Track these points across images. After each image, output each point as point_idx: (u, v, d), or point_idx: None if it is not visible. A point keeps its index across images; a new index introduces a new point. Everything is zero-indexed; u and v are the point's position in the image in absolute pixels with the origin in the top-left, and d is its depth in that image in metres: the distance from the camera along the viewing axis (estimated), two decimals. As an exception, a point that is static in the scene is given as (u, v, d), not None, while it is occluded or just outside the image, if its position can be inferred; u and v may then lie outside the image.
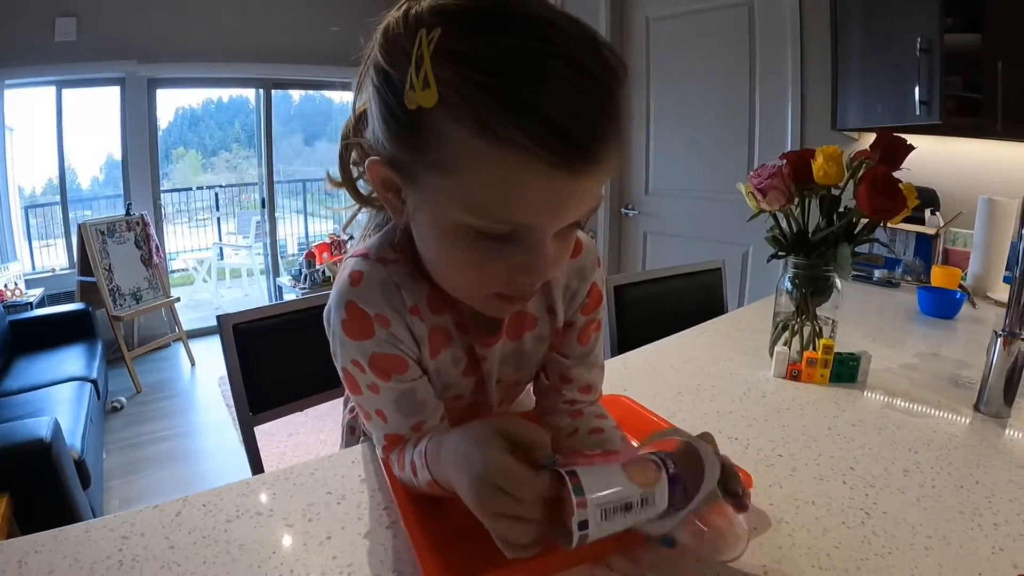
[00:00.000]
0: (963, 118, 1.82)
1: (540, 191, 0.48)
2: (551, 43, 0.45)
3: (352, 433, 0.96)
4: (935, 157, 2.03)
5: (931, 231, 1.94)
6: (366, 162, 0.57)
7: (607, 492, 0.50)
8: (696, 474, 0.54)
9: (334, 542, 0.64)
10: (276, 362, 1.23)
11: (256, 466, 1.16)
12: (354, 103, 0.62)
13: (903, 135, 1.04)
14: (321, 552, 0.63)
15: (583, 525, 0.49)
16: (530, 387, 0.86)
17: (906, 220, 1.86)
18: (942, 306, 1.56)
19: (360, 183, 0.66)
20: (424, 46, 0.46)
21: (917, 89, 1.83)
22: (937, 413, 0.98)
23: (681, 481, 0.53)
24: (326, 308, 0.66)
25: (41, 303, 3.94)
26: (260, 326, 1.21)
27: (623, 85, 0.49)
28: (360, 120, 0.62)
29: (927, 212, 1.97)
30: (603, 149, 0.48)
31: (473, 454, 0.52)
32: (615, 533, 0.51)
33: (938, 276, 1.75)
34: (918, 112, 1.84)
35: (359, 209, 0.69)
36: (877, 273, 1.94)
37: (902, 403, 1.02)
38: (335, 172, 0.65)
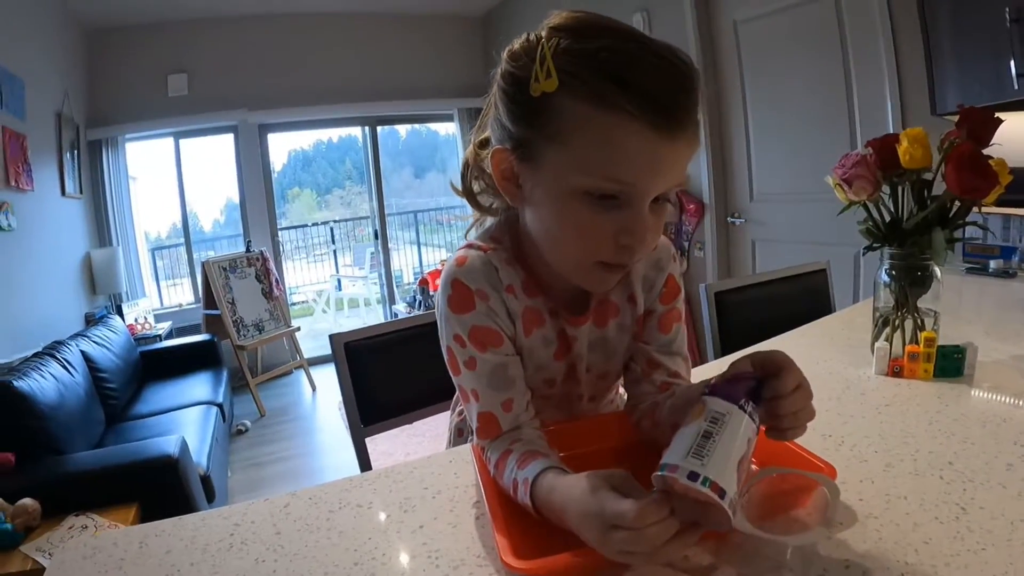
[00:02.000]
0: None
1: (639, 151, 0.59)
2: (642, 43, 0.59)
3: (460, 435, 1.02)
4: (1039, 134, 1.87)
5: (1046, 215, 1.80)
6: (490, 152, 0.69)
7: (679, 444, 0.55)
8: (739, 379, 0.59)
9: (425, 530, 0.69)
10: (385, 377, 1.31)
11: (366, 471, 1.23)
12: (474, 134, 0.78)
13: (999, 112, 0.98)
14: (412, 539, 0.67)
15: (693, 476, 0.52)
16: (622, 391, 0.90)
17: (1016, 204, 1.74)
18: (1064, 295, 1.45)
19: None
20: (546, 48, 0.60)
21: (1012, 63, 1.71)
22: (1049, 406, 0.91)
23: (723, 389, 0.59)
24: (436, 297, 0.78)
25: (169, 335, 4.29)
26: (369, 344, 1.30)
27: (698, 80, 0.60)
28: (481, 145, 0.76)
29: (1038, 194, 1.82)
30: (688, 121, 0.59)
31: (590, 503, 0.56)
32: (740, 462, 0.55)
33: (1059, 263, 1.63)
34: (1016, 86, 1.71)
35: (478, 218, 0.84)
36: (993, 264, 1.81)
37: (1010, 396, 0.95)
38: (458, 184, 0.82)
